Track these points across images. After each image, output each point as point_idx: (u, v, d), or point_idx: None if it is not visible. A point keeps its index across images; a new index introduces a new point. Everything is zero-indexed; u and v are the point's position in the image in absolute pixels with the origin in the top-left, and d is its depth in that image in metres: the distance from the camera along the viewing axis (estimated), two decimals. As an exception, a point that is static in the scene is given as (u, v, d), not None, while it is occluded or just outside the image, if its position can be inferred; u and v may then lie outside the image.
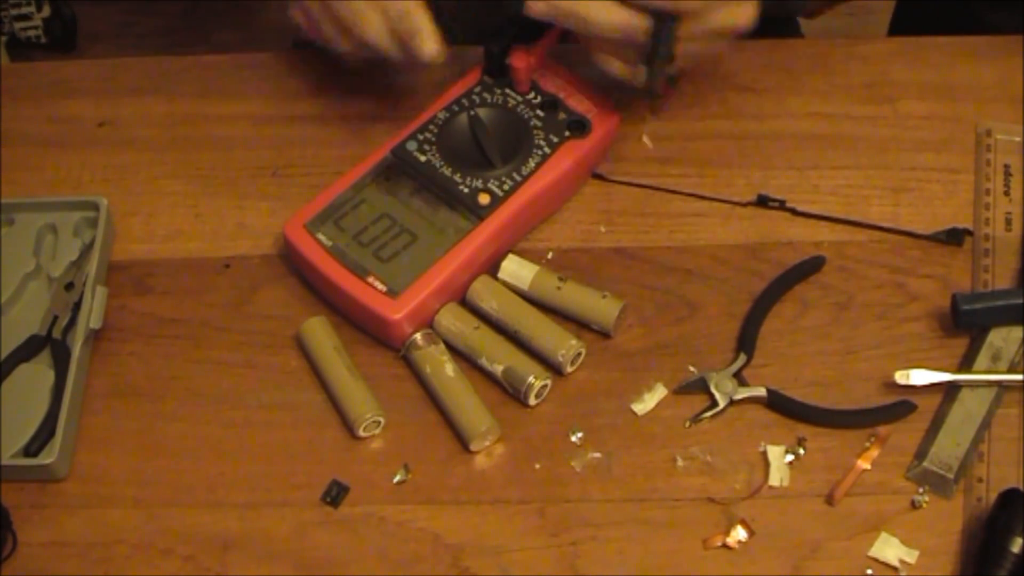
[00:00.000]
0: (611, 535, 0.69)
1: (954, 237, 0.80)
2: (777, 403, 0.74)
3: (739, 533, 0.69)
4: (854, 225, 0.81)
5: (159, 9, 1.99)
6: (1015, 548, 0.65)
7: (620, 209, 0.83)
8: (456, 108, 0.83)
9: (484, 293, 0.78)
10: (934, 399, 0.74)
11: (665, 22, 0.72)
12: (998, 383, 0.74)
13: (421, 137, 0.81)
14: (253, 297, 0.81)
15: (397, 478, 0.73)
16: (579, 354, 0.75)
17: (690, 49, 0.75)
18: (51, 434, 0.73)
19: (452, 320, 0.76)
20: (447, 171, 0.80)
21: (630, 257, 0.81)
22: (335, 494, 0.72)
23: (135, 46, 1.95)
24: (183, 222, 0.85)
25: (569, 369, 0.75)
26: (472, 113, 0.82)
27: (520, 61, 0.82)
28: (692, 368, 0.76)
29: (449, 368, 0.75)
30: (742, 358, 0.75)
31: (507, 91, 0.83)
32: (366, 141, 0.85)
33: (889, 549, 0.69)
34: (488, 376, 0.76)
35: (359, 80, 0.90)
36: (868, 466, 0.71)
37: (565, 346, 0.75)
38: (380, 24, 0.77)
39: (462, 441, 0.73)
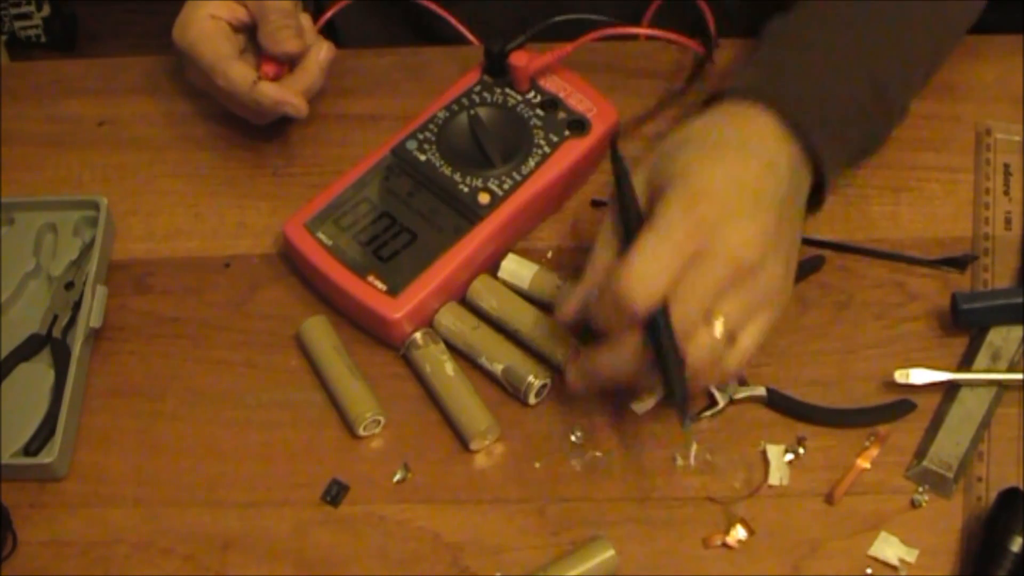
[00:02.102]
0: (611, 535, 0.69)
1: (957, 264, 0.79)
2: (777, 402, 0.74)
3: (739, 532, 0.69)
4: (856, 252, 0.80)
5: (159, 9, 1.98)
6: (1015, 547, 0.65)
7: (620, 209, 0.83)
8: (456, 107, 0.83)
9: (484, 292, 0.77)
10: (934, 398, 0.74)
11: (655, 318, 0.63)
12: (998, 382, 0.74)
13: (421, 136, 0.81)
14: (253, 297, 0.81)
15: (397, 477, 0.73)
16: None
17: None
18: (51, 433, 0.73)
19: (452, 319, 0.76)
20: (447, 170, 0.80)
21: (630, 257, 0.81)
22: (335, 493, 0.72)
23: (135, 46, 1.95)
24: (183, 221, 0.85)
25: (570, 367, 0.75)
26: (472, 112, 0.82)
27: (520, 60, 0.82)
28: (692, 367, 0.76)
29: (449, 367, 0.75)
30: (742, 357, 0.75)
31: (507, 90, 0.83)
32: (366, 141, 0.85)
33: (889, 548, 0.69)
34: (488, 375, 0.75)
35: (359, 80, 0.91)
36: (868, 465, 0.71)
37: (565, 346, 0.75)
38: (242, 81, 0.80)
39: (462, 440, 0.73)
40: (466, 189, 0.79)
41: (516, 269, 0.78)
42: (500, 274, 0.78)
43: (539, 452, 0.73)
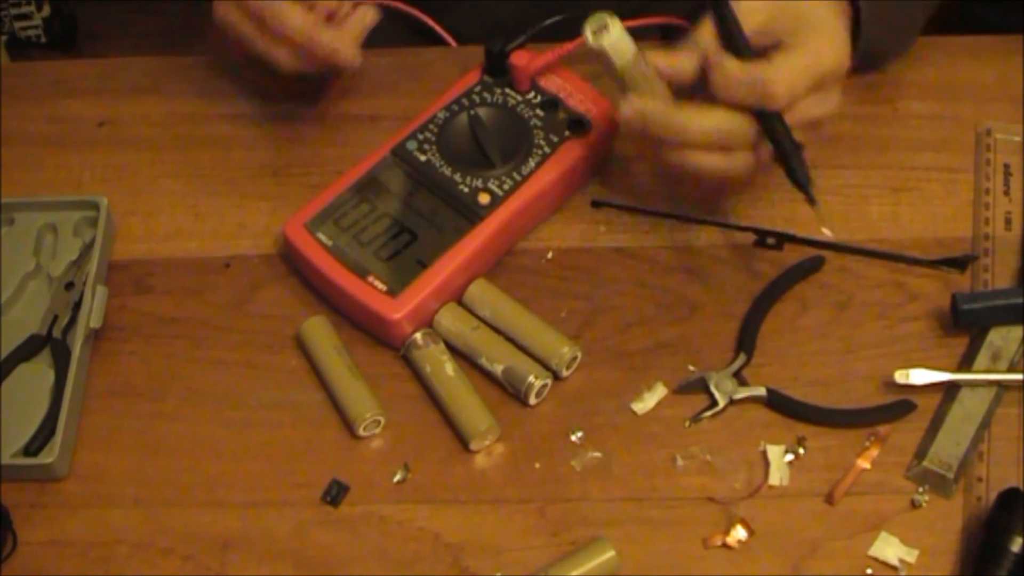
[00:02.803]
0: (611, 535, 0.69)
1: (957, 264, 0.79)
2: (777, 402, 0.74)
3: (739, 533, 0.69)
4: (856, 253, 0.80)
5: (159, 9, 1.99)
6: (1015, 548, 0.65)
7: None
8: (456, 108, 0.83)
9: (478, 300, 0.77)
10: (934, 399, 0.74)
11: (769, 118, 0.71)
12: (998, 383, 0.74)
13: (421, 137, 0.81)
14: (253, 297, 0.81)
15: (397, 477, 0.73)
16: (575, 358, 0.75)
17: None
18: (51, 434, 0.73)
19: (452, 320, 0.76)
20: (447, 171, 0.80)
21: (630, 257, 0.81)
22: (335, 494, 0.72)
23: (135, 46, 1.95)
24: (183, 222, 0.85)
25: (565, 373, 0.75)
26: (472, 113, 0.82)
27: (520, 60, 0.82)
28: (692, 368, 0.76)
29: (449, 367, 0.75)
30: (742, 358, 0.75)
31: (507, 91, 0.83)
32: (366, 141, 0.85)
33: (889, 548, 0.69)
34: (488, 376, 0.75)
35: (359, 80, 0.91)
36: (868, 465, 0.71)
37: (559, 351, 0.74)
38: (300, 22, 0.76)
39: (462, 441, 0.73)
40: (466, 189, 0.79)
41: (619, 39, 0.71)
42: (601, 40, 0.70)
43: (539, 452, 0.73)
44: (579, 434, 0.74)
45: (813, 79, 0.71)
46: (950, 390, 0.74)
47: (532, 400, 0.74)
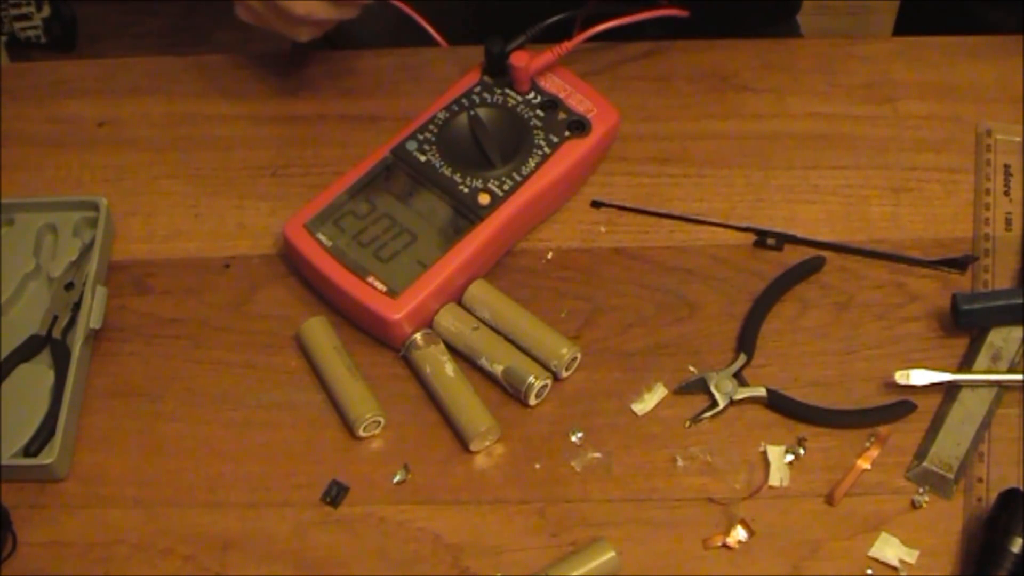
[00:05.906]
0: (611, 535, 0.69)
1: (957, 264, 0.79)
2: (777, 403, 0.74)
3: (739, 533, 0.69)
4: (856, 253, 0.80)
5: (159, 9, 1.99)
6: (1015, 548, 0.65)
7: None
8: (456, 108, 0.83)
9: (478, 301, 0.77)
10: (934, 399, 0.74)
11: None
12: (998, 383, 0.74)
13: (421, 137, 0.81)
14: (253, 297, 0.81)
15: (397, 478, 0.73)
16: (575, 358, 0.75)
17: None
18: (51, 434, 0.73)
19: (452, 320, 0.76)
20: (447, 171, 0.80)
21: (630, 257, 0.81)
22: (335, 494, 0.72)
23: (135, 46, 1.95)
24: (183, 222, 0.85)
25: (565, 374, 0.75)
26: (472, 113, 0.82)
27: (520, 61, 0.82)
28: (692, 368, 0.76)
29: (449, 368, 0.75)
30: (742, 358, 0.75)
31: (507, 91, 0.83)
32: (366, 141, 0.85)
33: (889, 549, 0.69)
34: (488, 376, 0.75)
35: (359, 80, 0.91)
36: (868, 466, 0.71)
37: (559, 352, 0.74)
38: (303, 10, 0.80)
39: (462, 441, 0.73)
40: (466, 189, 0.79)
41: None
42: None
43: (539, 453, 0.73)
44: (579, 435, 0.74)
45: None
46: (950, 391, 0.74)
47: (532, 401, 0.74)
